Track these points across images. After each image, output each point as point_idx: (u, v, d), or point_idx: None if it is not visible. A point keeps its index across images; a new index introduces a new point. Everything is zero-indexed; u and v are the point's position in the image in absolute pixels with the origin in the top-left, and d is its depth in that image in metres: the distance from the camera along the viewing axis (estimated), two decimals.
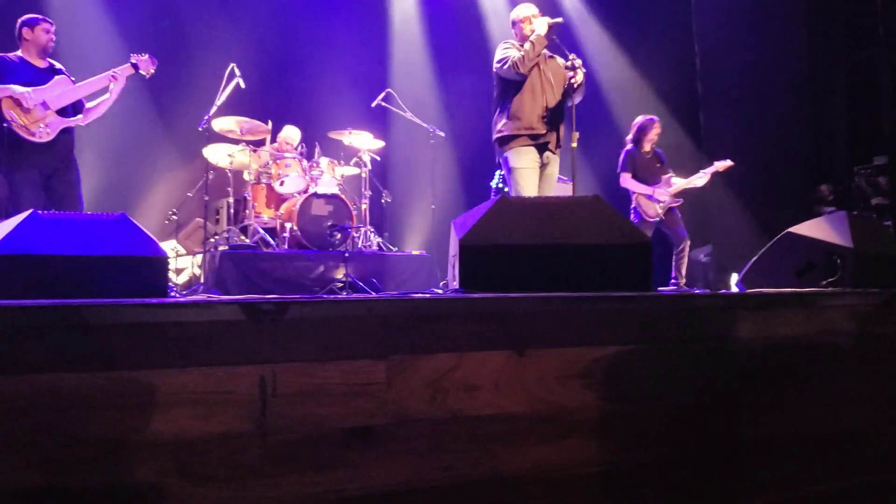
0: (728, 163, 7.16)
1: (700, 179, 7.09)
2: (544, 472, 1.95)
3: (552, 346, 1.97)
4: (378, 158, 7.52)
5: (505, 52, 5.10)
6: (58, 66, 5.09)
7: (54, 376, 1.38)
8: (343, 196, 6.88)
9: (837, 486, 2.36)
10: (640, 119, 7.12)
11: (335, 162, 7.14)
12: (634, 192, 6.98)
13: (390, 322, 1.75)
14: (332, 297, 1.67)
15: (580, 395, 2.00)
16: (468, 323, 1.86)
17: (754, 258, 4.93)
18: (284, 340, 1.61)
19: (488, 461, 1.86)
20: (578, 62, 5.01)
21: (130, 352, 1.45)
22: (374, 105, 7.38)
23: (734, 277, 6.68)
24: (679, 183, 7.00)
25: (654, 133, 7.01)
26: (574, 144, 5.00)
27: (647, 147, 7.04)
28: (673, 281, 6.91)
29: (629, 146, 7.07)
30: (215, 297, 1.93)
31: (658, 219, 6.93)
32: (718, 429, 2.23)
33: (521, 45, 5.09)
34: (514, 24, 5.29)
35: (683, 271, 6.94)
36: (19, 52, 4.95)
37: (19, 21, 4.96)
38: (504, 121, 5.11)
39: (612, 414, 2.07)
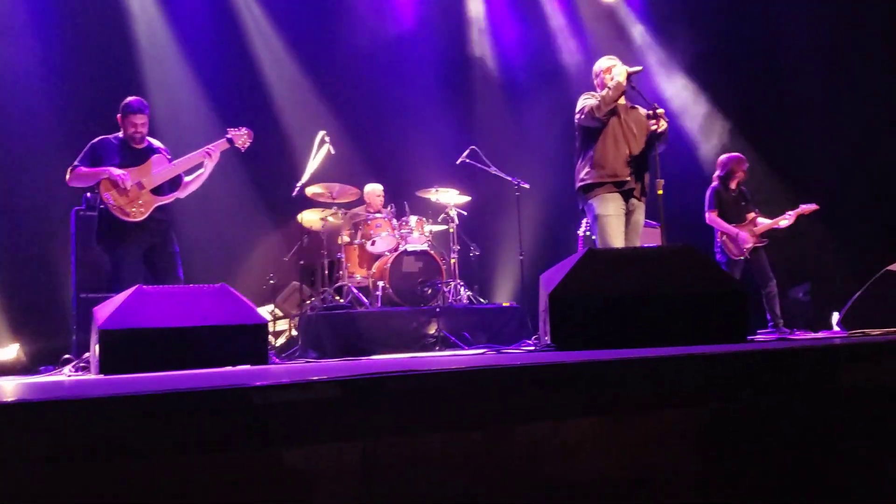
0: (813, 206, 7.07)
1: (784, 221, 6.99)
2: None
3: (648, 407, 1.95)
4: (465, 213, 7.61)
5: (584, 101, 5.17)
6: (156, 144, 5.26)
7: (177, 458, 1.45)
8: (432, 252, 6.98)
9: None
10: (725, 157, 7.08)
11: (423, 219, 7.27)
12: (719, 231, 6.90)
13: (486, 391, 1.77)
14: (426, 368, 1.70)
15: (678, 456, 1.97)
16: (563, 388, 1.87)
17: (854, 298, 4.75)
18: (383, 414, 1.65)
19: None
20: (661, 111, 5.01)
21: (239, 433, 1.52)
22: (458, 162, 7.51)
23: (836, 316, 6.44)
24: (763, 224, 6.91)
25: (741, 172, 6.95)
26: (660, 192, 4.97)
27: (733, 185, 6.96)
28: (771, 325, 6.71)
29: (715, 183, 7.00)
30: (314, 374, 2.00)
31: (743, 257, 6.81)
32: (823, 483, 2.15)
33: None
34: (596, 75, 5.35)
35: (778, 311, 6.77)
36: (119, 134, 5.16)
37: (121, 104, 5.17)
38: (587, 169, 5.13)
39: (712, 473, 2.02)
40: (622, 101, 5.15)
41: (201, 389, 1.47)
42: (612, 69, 5.18)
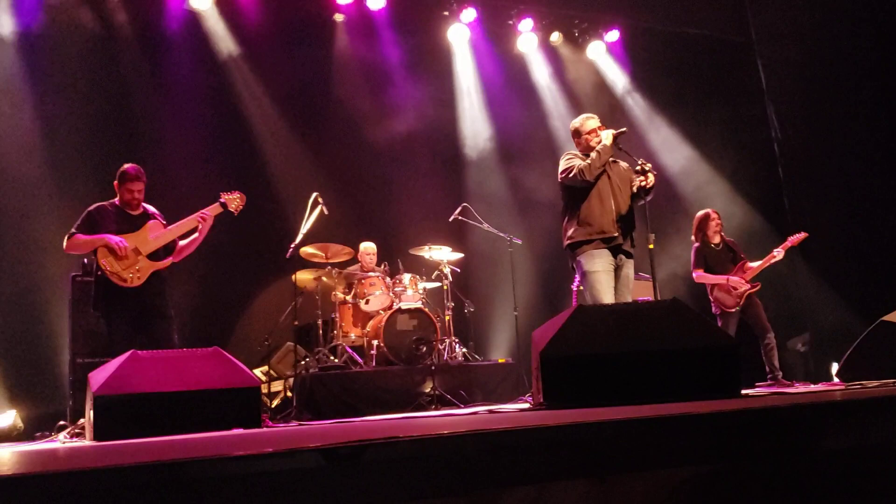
0: (802, 235, 7.06)
1: (775, 257, 6.97)
2: None
3: (635, 469, 1.95)
4: (458, 270, 7.65)
5: (568, 162, 5.17)
6: (151, 209, 5.33)
7: None
8: (427, 310, 6.99)
9: None
10: (697, 215, 7.13)
11: (417, 277, 7.29)
12: (709, 286, 6.90)
13: (469, 457, 1.77)
14: (407, 435, 1.71)
15: None
16: (548, 452, 1.87)
17: (851, 349, 4.77)
18: (364, 482, 1.65)
19: None
20: (649, 166, 5.03)
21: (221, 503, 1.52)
22: (451, 220, 7.57)
23: (835, 367, 6.43)
24: (754, 266, 6.89)
25: (713, 225, 6.98)
26: (651, 246, 4.99)
27: (715, 239, 7.00)
28: (770, 376, 6.67)
29: (696, 243, 7.04)
30: (301, 440, 2.01)
31: (738, 308, 6.78)
32: None
33: (585, 155, 5.17)
34: (577, 133, 5.34)
35: (776, 363, 6.71)
36: (116, 200, 5.24)
37: (118, 171, 5.25)
38: (575, 227, 5.13)
39: None
40: None
41: (180, 461, 1.48)
42: (599, 132, 5.19)
